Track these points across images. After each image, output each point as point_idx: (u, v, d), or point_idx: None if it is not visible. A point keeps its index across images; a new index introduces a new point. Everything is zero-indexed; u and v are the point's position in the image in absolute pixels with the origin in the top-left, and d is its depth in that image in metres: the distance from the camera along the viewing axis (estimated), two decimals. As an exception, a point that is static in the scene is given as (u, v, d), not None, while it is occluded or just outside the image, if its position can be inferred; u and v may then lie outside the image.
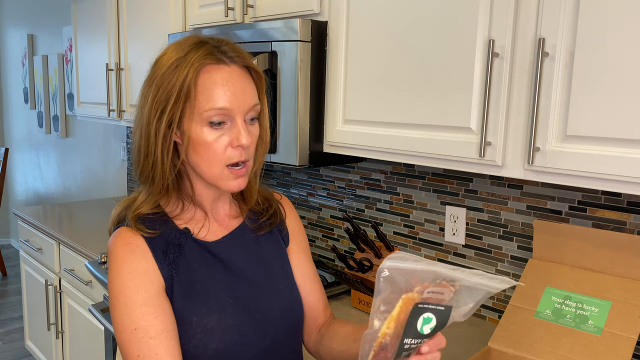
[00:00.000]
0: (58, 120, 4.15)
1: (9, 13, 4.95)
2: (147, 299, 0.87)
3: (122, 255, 0.89)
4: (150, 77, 0.89)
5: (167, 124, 0.87)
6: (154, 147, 0.88)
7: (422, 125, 1.34)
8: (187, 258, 0.94)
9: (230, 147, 0.89)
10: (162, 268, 0.91)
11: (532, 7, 1.11)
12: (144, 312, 0.86)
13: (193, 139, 0.88)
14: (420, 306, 0.70)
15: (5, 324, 3.73)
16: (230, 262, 0.97)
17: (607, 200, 1.36)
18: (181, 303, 0.91)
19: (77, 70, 2.96)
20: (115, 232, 0.93)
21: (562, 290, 1.30)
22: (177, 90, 0.85)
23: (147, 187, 0.94)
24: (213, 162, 0.89)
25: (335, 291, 1.85)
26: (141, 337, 0.85)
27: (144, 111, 0.89)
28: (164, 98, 0.86)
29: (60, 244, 2.54)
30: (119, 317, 0.87)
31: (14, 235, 5.23)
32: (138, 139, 0.91)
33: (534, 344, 1.24)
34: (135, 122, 0.92)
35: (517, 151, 1.17)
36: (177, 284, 0.91)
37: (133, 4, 2.42)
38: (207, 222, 0.99)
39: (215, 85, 0.87)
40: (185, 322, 0.90)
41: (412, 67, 1.34)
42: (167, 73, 0.87)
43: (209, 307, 0.92)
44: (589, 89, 1.04)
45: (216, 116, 0.87)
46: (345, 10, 1.48)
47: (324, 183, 2.10)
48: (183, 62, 0.86)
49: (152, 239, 0.92)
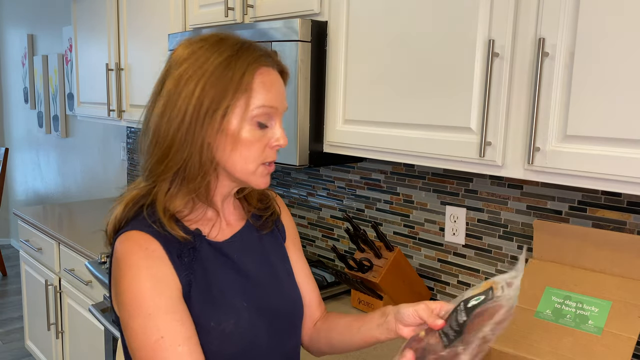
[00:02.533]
0: (58, 120, 4.15)
1: (9, 13, 4.95)
2: (171, 306, 0.84)
3: (139, 262, 0.85)
4: (188, 75, 0.87)
5: (220, 119, 0.86)
6: (193, 143, 0.86)
7: (422, 125, 1.34)
8: (202, 261, 0.91)
9: (269, 147, 0.91)
10: (179, 273, 0.88)
11: (532, 7, 1.11)
12: (169, 320, 0.83)
13: (235, 136, 0.87)
14: (490, 290, 0.83)
15: (5, 324, 3.73)
16: (241, 262, 0.97)
17: (607, 200, 1.36)
18: (200, 309, 0.88)
19: (77, 70, 2.96)
20: (126, 237, 0.88)
21: (562, 290, 1.30)
22: (235, 88, 0.86)
23: (176, 183, 0.90)
24: (251, 160, 0.89)
25: (335, 291, 1.85)
26: (168, 345, 0.82)
27: (183, 107, 0.86)
28: (218, 96, 0.85)
29: (60, 244, 2.54)
30: (141, 327, 0.83)
31: (14, 235, 5.24)
32: (171, 133, 0.87)
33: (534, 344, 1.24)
34: (163, 116, 0.88)
35: (517, 151, 1.17)
36: (195, 289, 0.89)
37: (133, 4, 2.42)
38: (218, 222, 0.97)
39: (267, 85, 0.89)
40: (204, 328, 0.88)
41: (412, 67, 1.34)
42: (219, 71, 0.86)
43: (225, 312, 0.90)
44: (589, 89, 1.04)
45: (264, 115, 0.89)
46: (345, 10, 1.49)
47: (324, 183, 2.10)
48: (236, 60, 0.87)
49: (167, 242, 0.88)
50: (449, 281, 1.72)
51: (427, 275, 1.77)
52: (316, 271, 1.97)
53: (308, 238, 2.20)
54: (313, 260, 2.11)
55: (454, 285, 1.70)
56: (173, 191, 0.90)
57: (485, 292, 0.83)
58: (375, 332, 0.96)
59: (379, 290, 1.65)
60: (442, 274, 1.74)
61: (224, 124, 0.86)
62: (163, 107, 0.88)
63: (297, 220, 2.24)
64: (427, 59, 1.30)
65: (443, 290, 1.74)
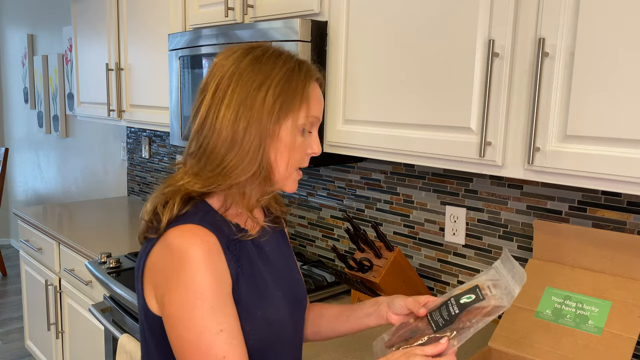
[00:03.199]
0: (58, 120, 4.15)
1: (9, 13, 4.95)
2: (229, 301, 0.89)
3: (203, 255, 0.87)
4: (260, 82, 0.91)
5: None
6: (267, 148, 0.91)
7: (422, 125, 1.34)
8: (247, 254, 0.96)
9: (305, 154, 0.98)
10: (230, 265, 0.91)
11: (532, 7, 1.11)
12: (228, 314, 0.87)
13: (286, 142, 0.93)
14: (477, 289, 0.95)
15: (5, 324, 3.73)
16: (271, 255, 1.03)
17: (607, 200, 1.36)
18: (248, 298, 0.93)
19: (77, 70, 2.96)
20: (188, 230, 0.89)
21: (562, 290, 1.30)
22: (299, 97, 0.93)
23: (253, 184, 0.95)
24: (292, 164, 0.95)
25: (335, 291, 1.85)
26: (226, 337, 0.86)
27: (259, 112, 0.90)
28: (287, 102, 0.91)
29: (60, 244, 2.54)
30: (201, 319, 0.85)
31: (14, 235, 5.24)
32: (248, 139, 0.90)
33: (534, 344, 1.24)
34: (237, 123, 0.90)
35: (517, 151, 1.17)
36: (243, 280, 0.93)
37: (133, 4, 2.42)
38: (250, 220, 1.00)
39: (317, 98, 0.97)
40: (252, 317, 0.93)
41: (412, 67, 1.34)
42: (284, 79, 0.92)
43: (269, 301, 0.96)
44: (589, 89, 1.04)
45: (311, 124, 0.96)
46: (345, 10, 1.49)
47: (324, 183, 2.10)
48: (299, 72, 0.94)
49: (221, 235, 0.92)
50: (449, 281, 1.72)
51: (427, 275, 1.77)
52: (316, 271, 1.97)
53: (308, 238, 2.20)
54: (313, 260, 2.11)
55: (454, 285, 1.70)
56: (246, 191, 0.95)
57: (473, 290, 0.96)
58: (366, 320, 1.06)
59: (379, 290, 1.65)
60: (442, 274, 1.74)
61: (280, 130, 0.92)
62: (235, 113, 0.90)
63: (297, 220, 2.24)
64: (427, 58, 1.30)
65: (443, 290, 1.74)
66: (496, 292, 0.94)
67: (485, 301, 0.94)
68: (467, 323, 0.93)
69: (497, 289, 0.94)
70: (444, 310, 0.96)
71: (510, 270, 0.95)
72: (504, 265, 0.97)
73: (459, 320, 0.93)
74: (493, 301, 0.93)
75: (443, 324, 0.94)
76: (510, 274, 0.94)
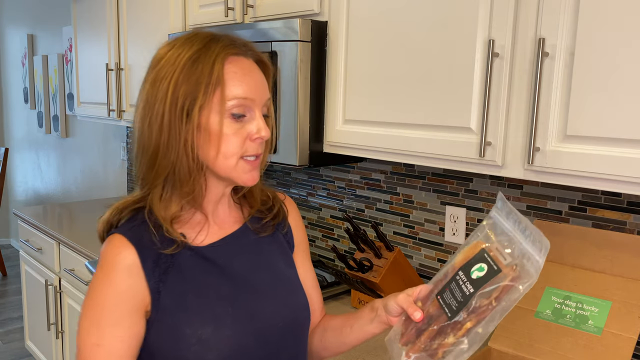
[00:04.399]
0: (58, 120, 4.15)
1: (9, 13, 4.95)
2: (122, 320, 0.85)
3: (109, 267, 0.86)
4: (162, 76, 0.85)
5: (198, 116, 0.84)
6: (178, 145, 0.85)
7: (422, 125, 1.34)
8: (180, 267, 0.89)
9: (249, 140, 0.88)
10: (149, 280, 0.86)
11: (532, 7, 1.11)
12: (113, 333, 0.84)
13: (212, 131, 0.85)
14: (485, 255, 0.82)
15: (5, 324, 3.73)
16: (229, 267, 0.93)
17: (607, 200, 1.36)
18: (172, 316, 0.87)
19: (77, 70, 2.96)
20: (109, 239, 0.89)
21: (562, 290, 1.30)
22: (206, 81, 0.84)
23: (167, 189, 0.89)
24: (230, 155, 0.87)
25: (335, 291, 1.85)
26: (102, 355, 0.84)
27: (160, 109, 0.85)
28: (191, 91, 0.83)
29: (60, 244, 2.54)
30: (87, 327, 0.86)
31: (14, 235, 5.24)
32: (154, 137, 0.86)
33: (534, 344, 1.24)
34: (144, 121, 0.87)
35: (517, 151, 1.17)
36: (166, 296, 0.87)
37: (133, 4, 2.42)
38: (207, 226, 0.94)
39: (239, 75, 0.86)
40: (179, 334, 0.86)
41: (412, 67, 1.34)
42: (188, 66, 0.84)
43: (203, 318, 0.88)
44: (589, 89, 1.04)
45: (240, 106, 0.86)
46: (345, 10, 1.49)
47: (324, 183, 2.10)
48: (205, 53, 0.85)
49: (145, 247, 0.87)
50: (449, 281, 1.72)
51: (427, 275, 1.77)
52: (316, 271, 1.97)
53: (308, 238, 2.20)
54: (313, 260, 2.11)
55: (454, 285, 1.70)
56: (166, 197, 0.89)
57: (482, 257, 0.82)
58: (369, 328, 0.97)
59: (379, 290, 1.65)
60: (442, 274, 1.74)
61: (202, 120, 0.84)
62: (143, 110, 0.87)
63: (297, 220, 2.24)
64: (427, 58, 1.30)
65: (443, 290, 1.73)
66: (511, 259, 0.80)
67: (503, 274, 0.79)
68: (486, 303, 0.79)
69: (512, 257, 0.80)
70: (456, 289, 0.83)
71: (515, 223, 0.82)
72: (506, 217, 0.83)
73: (476, 301, 0.80)
74: (512, 273, 0.79)
75: (457, 306, 0.82)
76: (518, 230, 0.81)
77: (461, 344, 0.80)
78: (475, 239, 0.86)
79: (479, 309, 0.79)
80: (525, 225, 0.81)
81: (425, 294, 0.88)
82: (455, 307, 0.81)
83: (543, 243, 0.78)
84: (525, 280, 0.78)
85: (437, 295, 0.85)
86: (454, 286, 0.83)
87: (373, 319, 0.96)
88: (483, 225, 0.86)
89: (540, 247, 0.78)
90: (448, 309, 0.82)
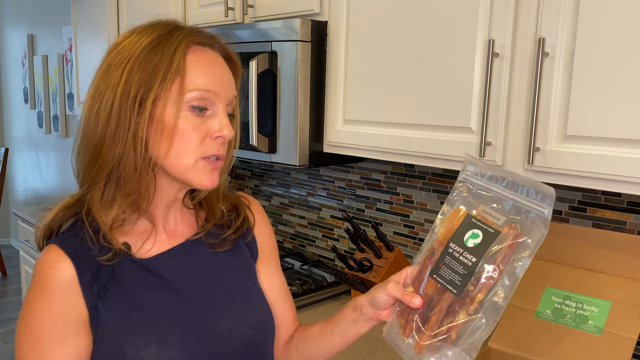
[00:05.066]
0: (58, 120, 4.15)
1: (9, 13, 4.95)
2: (63, 338, 0.78)
3: (44, 283, 0.78)
4: (117, 61, 0.77)
5: (151, 107, 0.76)
6: (126, 138, 0.76)
7: (422, 125, 1.34)
8: (120, 282, 0.81)
9: (209, 138, 0.79)
10: (86, 296, 0.79)
11: (532, 7, 1.11)
12: (56, 353, 0.77)
13: (167, 125, 0.77)
14: (474, 220, 0.75)
15: (5, 324, 3.73)
16: (177, 281, 0.85)
17: (607, 200, 1.36)
18: (112, 335, 0.79)
19: (77, 70, 2.96)
20: (45, 250, 0.81)
21: (562, 290, 1.30)
22: (165, 69, 0.76)
23: (110, 187, 0.79)
24: (186, 152, 0.78)
25: (335, 291, 1.85)
26: None
27: (110, 97, 0.76)
28: (145, 79, 0.76)
29: (60, 244, 2.53)
30: (27, 350, 0.78)
31: (14, 235, 5.23)
32: (100, 128, 0.77)
33: (534, 344, 1.24)
34: (91, 110, 0.78)
35: (517, 151, 1.17)
36: (105, 314, 0.79)
37: (133, 4, 2.42)
38: (154, 234, 0.85)
39: (202, 65, 0.79)
40: (119, 355, 0.79)
41: (412, 67, 1.34)
42: (146, 52, 0.77)
43: (145, 338, 0.80)
44: (589, 89, 1.04)
45: (200, 99, 0.77)
46: (345, 10, 1.48)
47: (324, 183, 2.10)
48: (168, 39, 0.78)
49: (83, 259, 0.79)
50: (449, 281, 1.72)
51: (427, 275, 1.77)
52: (316, 271, 1.97)
53: (308, 238, 2.20)
54: (313, 260, 2.11)
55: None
56: (108, 196, 0.79)
57: (470, 223, 0.75)
58: (354, 329, 0.88)
59: (379, 290, 1.65)
60: (442, 274, 1.73)
61: (156, 111, 0.76)
62: (91, 100, 0.79)
63: (297, 221, 2.24)
64: (427, 58, 1.30)
65: (443, 290, 1.73)
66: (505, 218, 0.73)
67: (503, 234, 0.73)
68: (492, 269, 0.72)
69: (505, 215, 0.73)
70: (453, 263, 0.76)
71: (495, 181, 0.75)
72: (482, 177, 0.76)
73: (479, 269, 0.73)
74: (512, 231, 0.72)
75: (461, 280, 0.74)
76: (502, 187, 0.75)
77: (476, 320, 0.73)
78: (452, 207, 0.78)
79: (486, 277, 0.72)
80: (513, 180, 0.74)
81: (413, 277, 0.80)
82: (459, 282, 0.74)
83: (545, 192, 0.71)
84: (534, 235, 0.72)
85: (431, 275, 0.77)
86: (450, 260, 0.76)
87: (357, 319, 0.87)
88: (456, 192, 0.78)
89: (543, 197, 0.71)
90: (451, 286, 0.75)
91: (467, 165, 0.80)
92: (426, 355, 0.76)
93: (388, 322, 0.83)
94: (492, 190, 0.76)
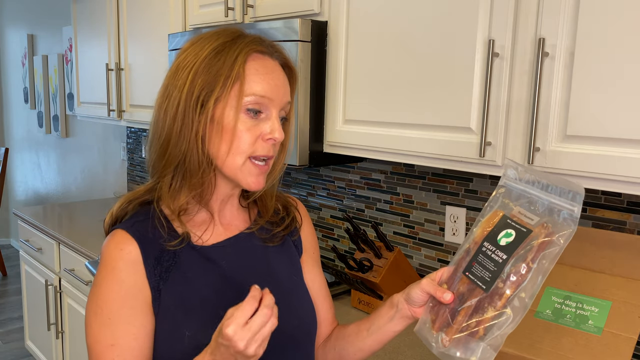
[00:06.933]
0: (58, 120, 4.15)
1: (9, 13, 4.95)
2: (132, 317, 0.83)
3: (113, 263, 0.84)
4: (184, 65, 0.85)
5: (212, 108, 0.83)
6: (190, 135, 0.83)
7: (422, 125, 1.34)
8: (182, 267, 0.87)
9: (261, 140, 0.85)
10: (150, 278, 0.85)
11: (532, 7, 1.11)
12: (126, 331, 0.83)
13: (224, 125, 0.83)
14: (509, 221, 0.78)
15: (5, 324, 3.73)
16: (232, 268, 0.91)
17: (607, 200, 1.36)
18: (172, 317, 0.85)
19: (77, 70, 2.96)
20: (111, 235, 0.88)
21: (562, 290, 1.30)
22: (226, 74, 0.83)
23: (177, 180, 0.87)
24: (238, 152, 0.84)
25: (335, 291, 1.85)
26: (117, 355, 0.82)
27: (177, 97, 0.84)
28: (208, 82, 0.83)
29: (60, 244, 2.54)
30: (98, 328, 0.83)
31: (14, 235, 5.24)
32: (168, 125, 0.84)
33: (534, 344, 1.24)
34: (160, 108, 0.86)
35: (517, 151, 1.17)
36: (166, 296, 0.85)
37: (133, 4, 2.42)
38: (212, 225, 0.92)
39: (260, 73, 0.85)
40: (177, 336, 0.84)
41: (412, 67, 1.34)
42: (210, 57, 0.83)
43: (203, 321, 0.85)
44: (589, 89, 1.04)
45: (256, 103, 0.84)
46: (345, 10, 1.49)
47: (324, 183, 2.10)
48: (230, 46, 0.84)
49: (148, 244, 0.86)
50: (449, 281, 1.72)
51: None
52: (316, 271, 1.97)
53: (308, 238, 2.20)
54: (313, 260, 2.11)
55: (454, 285, 1.70)
56: (175, 187, 0.87)
57: (505, 223, 0.78)
58: (390, 326, 0.92)
59: (379, 290, 1.65)
60: (442, 274, 1.73)
61: (216, 112, 0.83)
62: (160, 98, 0.87)
63: (297, 220, 2.23)
64: (427, 59, 1.30)
65: (443, 290, 1.74)
66: (538, 219, 0.75)
67: (535, 233, 0.75)
68: (522, 266, 0.74)
69: (538, 216, 0.75)
70: (485, 261, 0.78)
71: (531, 184, 0.79)
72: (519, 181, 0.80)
73: (510, 267, 0.76)
74: (544, 230, 0.74)
75: (491, 277, 0.77)
76: (537, 189, 0.78)
77: (503, 315, 0.75)
78: (491, 209, 0.82)
79: (515, 274, 0.75)
80: (547, 181, 0.77)
81: (449, 275, 0.84)
82: (489, 278, 0.76)
83: (575, 190, 0.73)
84: (563, 232, 0.74)
85: (464, 273, 0.80)
86: (483, 258, 0.79)
87: (393, 316, 0.91)
88: (496, 196, 0.82)
89: (574, 195, 0.74)
90: (481, 282, 0.77)
91: (507, 169, 0.83)
92: (453, 348, 0.79)
93: (420, 318, 0.87)
94: (529, 192, 0.79)
